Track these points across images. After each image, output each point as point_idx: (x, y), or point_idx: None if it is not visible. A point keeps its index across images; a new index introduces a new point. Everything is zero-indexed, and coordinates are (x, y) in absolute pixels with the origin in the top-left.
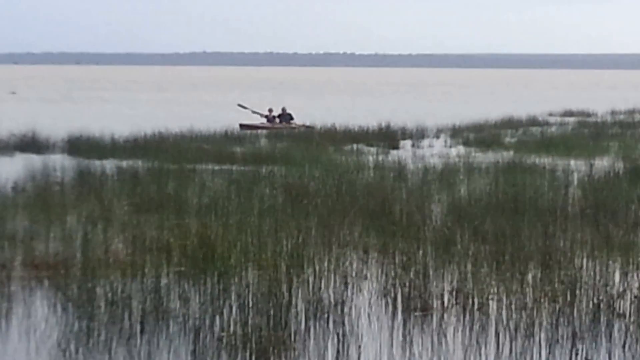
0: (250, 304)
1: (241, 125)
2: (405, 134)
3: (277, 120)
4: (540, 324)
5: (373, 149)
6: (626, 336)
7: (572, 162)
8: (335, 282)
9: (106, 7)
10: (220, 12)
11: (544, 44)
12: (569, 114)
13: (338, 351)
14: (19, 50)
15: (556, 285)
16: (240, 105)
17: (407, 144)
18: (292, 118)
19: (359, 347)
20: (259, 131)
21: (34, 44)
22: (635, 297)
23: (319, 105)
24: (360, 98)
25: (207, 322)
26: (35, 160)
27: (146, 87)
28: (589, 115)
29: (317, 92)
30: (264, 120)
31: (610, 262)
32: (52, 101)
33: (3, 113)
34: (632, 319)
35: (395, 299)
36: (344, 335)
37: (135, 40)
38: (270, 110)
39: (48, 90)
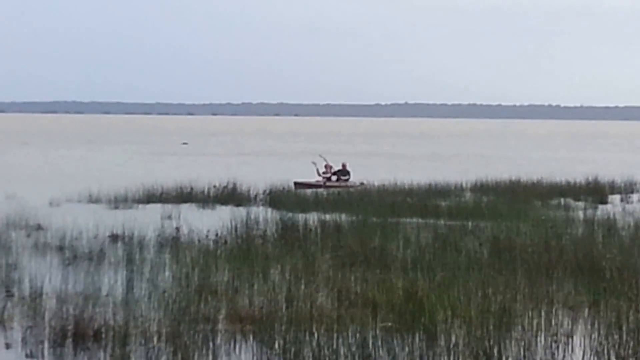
0: None
1: (295, 184)
2: (613, 187)
3: (334, 177)
4: None
5: (580, 204)
6: None
7: None
8: (544, 340)
9: (306, 58)
10: (422, 63)
11: None
12: None
13: None
14: (219, 101)
15: None
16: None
17: (616, 198)
18: (348, 174)
19: None
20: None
21: (234, 95)
22: None
23: (523, 157)
24: (565, 151)
25: None
26: (236, 212)
27: (342, 138)
28: None
29: (520, 143)
30: (320, 178)
31: None
32: (223, 154)
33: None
34: None
35: None
36: None
37: (336, 90)
38: (328, 167)
39: (225, 143)
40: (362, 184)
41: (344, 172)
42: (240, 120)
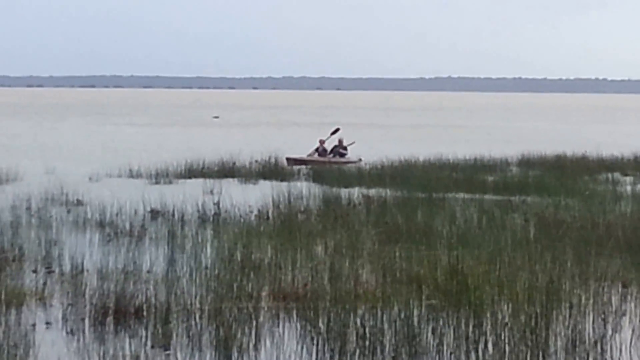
0: (506, 340)
1: (288, 160)
2: None
3: (330, 154)
4: None
5: (629, 178)
6: None
7: None
8: (593, 318)
9: (349, 31)
10: (467, 37)
11: None
12: None
13: None
14: (260, 75)
15: None
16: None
17: None
18: (345, 148)
19: None
20: (308, 166)
21: (275, 68)
22: None
23: (565, 131)
24: (611, 125)
25: (463, 358)
26: (278, 187)
27: (383, 111)
28: None
29: (565, 117)
30: (315, 153)
31: None
32: (253, 126)
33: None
34: None
35: None
36: None
37: (379, 64)
38: (322, 142)
39: (259, 116)
40: (360, 160)
41: (340, 148)
42: (280, 94)
